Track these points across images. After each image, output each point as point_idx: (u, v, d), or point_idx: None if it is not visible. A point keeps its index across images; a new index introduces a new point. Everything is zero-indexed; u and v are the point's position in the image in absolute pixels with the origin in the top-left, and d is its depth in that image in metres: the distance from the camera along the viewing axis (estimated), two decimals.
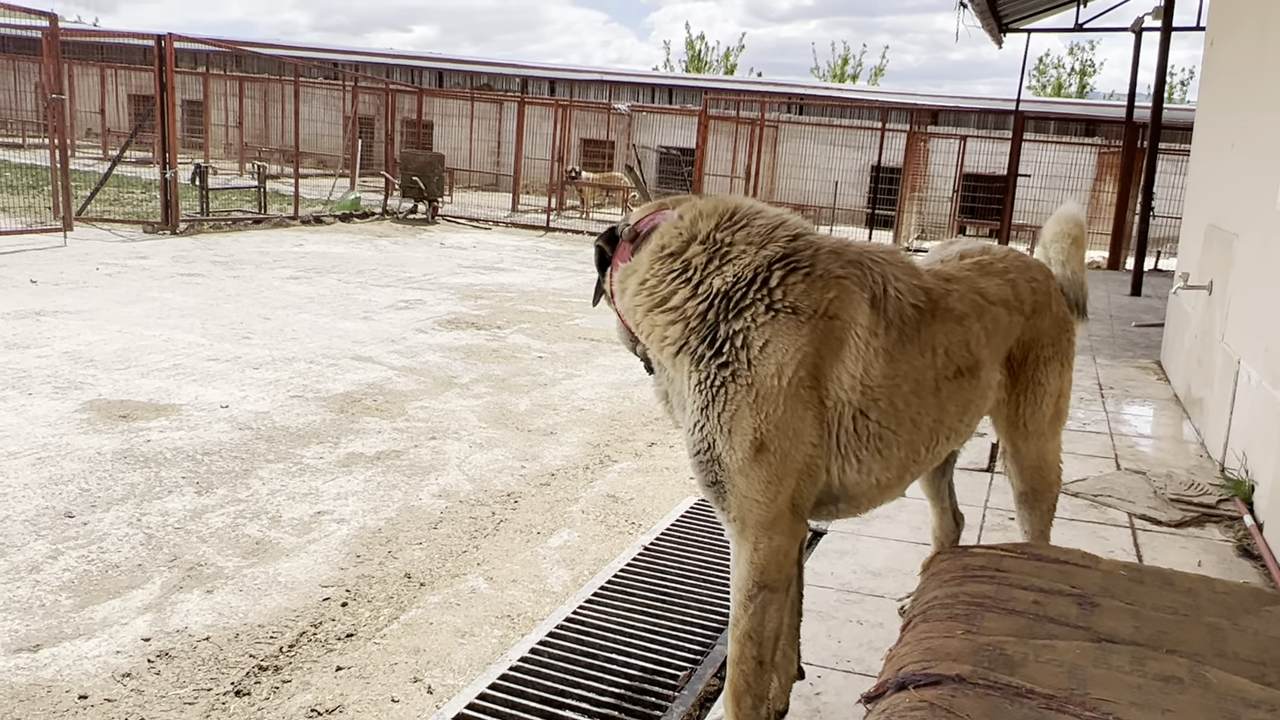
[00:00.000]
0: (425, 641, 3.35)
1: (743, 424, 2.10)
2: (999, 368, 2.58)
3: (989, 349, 2.48)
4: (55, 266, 10.13)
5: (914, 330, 2.28)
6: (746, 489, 2.12)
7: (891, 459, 2.31)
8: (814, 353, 2.13)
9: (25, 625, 3.26)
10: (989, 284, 2.55)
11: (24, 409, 5.43)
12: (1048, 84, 44.19)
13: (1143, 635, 1.76)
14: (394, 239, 15.38)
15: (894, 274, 2.31)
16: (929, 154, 23.49)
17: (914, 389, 2.29)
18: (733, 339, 2.11)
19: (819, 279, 2.17)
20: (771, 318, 2.11)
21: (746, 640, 2.23)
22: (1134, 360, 8.15)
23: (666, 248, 2.20)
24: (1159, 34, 13.66)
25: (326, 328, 8.15)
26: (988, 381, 2.50)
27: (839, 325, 2.17)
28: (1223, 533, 4.25)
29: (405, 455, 5.20)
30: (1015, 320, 2.60)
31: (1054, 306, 2.74)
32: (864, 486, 2.32)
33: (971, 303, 2.45)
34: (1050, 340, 2.70)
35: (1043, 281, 2.73)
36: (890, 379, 2.24)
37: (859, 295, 2.21)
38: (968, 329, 2.40)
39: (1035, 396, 2.70)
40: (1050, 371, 2.71)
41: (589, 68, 32.83)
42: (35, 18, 12.35)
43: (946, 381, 2.35)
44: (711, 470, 2.15)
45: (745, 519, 2.15)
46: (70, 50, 22.46)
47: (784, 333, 2.11)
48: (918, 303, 2.30)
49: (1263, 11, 5.64)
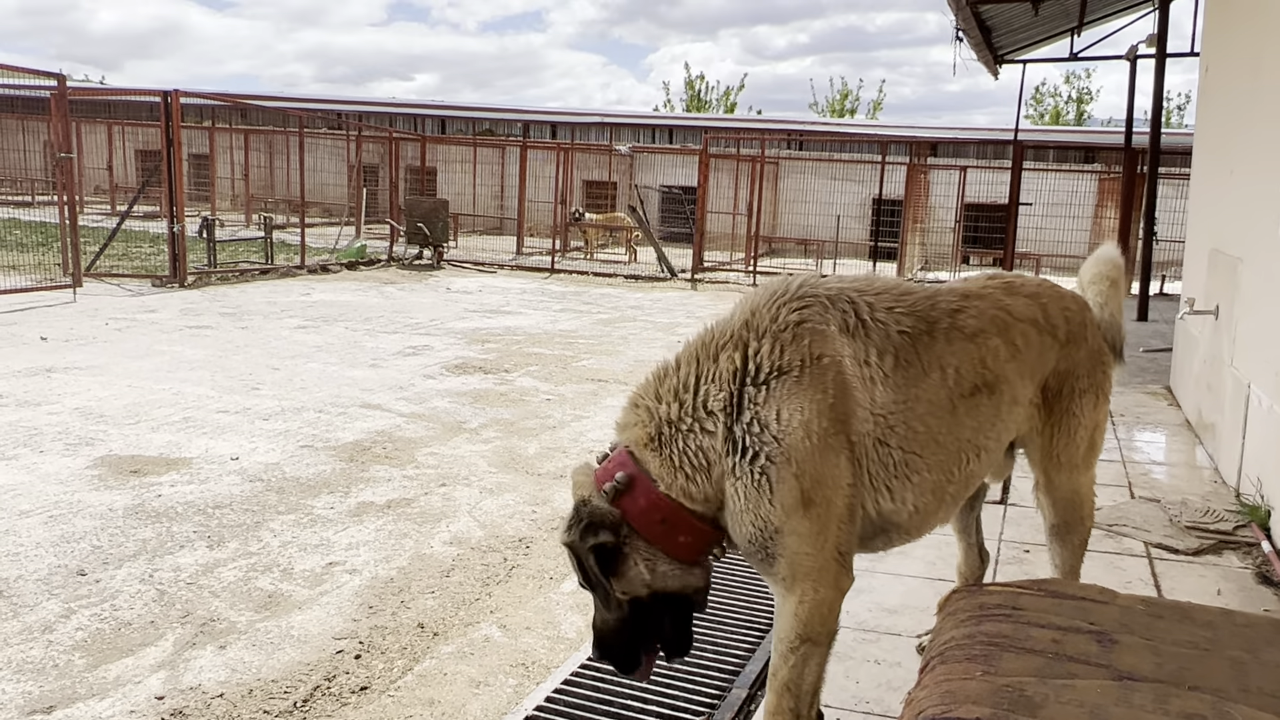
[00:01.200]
0: (440, 693, 3.32)
1: (789, 491, 2.12)
2: (1031, 386, 2.57)
3: (1014, 365, 2.47)
4: (65, 323, 10.20)
5: (911, 353, 2.30)
6: (797, 546, 2.13)
7: (923, 483, 2.31)
8: (823, 397, 2.14)
9: (39, 687, 3.25)
10: (1015, 302, 2.56)
11: (35, 467, 5.45)
12: (1045, 113, 44.46)
13: (1164, 672, 1.74)
14: (400, 285, 15.47)
15: (868, 302, 2.33)
16: (930, 185, 23.61)
17: (929, 410, 2.29)
18: (749, 431, 2.13)
19: (785, 333, 2.20)
20: (767, 390, 2.14)
21: (785, 692, 2.22)
22: (1143, 386, 8.12)
23: (668, 463, 2.23)
24: (1154, 60, 13.77)
25: (335, 376, 8.18)
26: (1013, 397, 2.49)
27: (829, 362, 2.19)
28: (1241, 560, 4.21)
29: (416, 503, 5.20)
30: (1048, 343, 2.59)
31: (1090, 339, 2.73)
32: (903, 515, 2.32)
33: (991, 319, 2.46)
34: (1086, 372, 2.69)
35: (1077, 311, 2.73)
36: (901, 403, 2.25)
37: (827, 329, 2.24)
38: (982, 345, 2.41)
39: (1069, 429, 2.69)
40: (1085, 404, 2.70)
41: (589, 110, 33.16)
42: (43, 78, 12.56)
43: (963, 399, 2.35)
44: (762, 549, 2.17)
45: (794, 574, 2.15)
46: (78, 109, 22.77)
47: (790, 394, 2.13)
48: (904, 328, 2.32)
49: (1256, 37, 5.69)
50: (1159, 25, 13.32)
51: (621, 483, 2.19)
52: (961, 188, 21.69)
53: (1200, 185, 7.82)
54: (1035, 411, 2.64)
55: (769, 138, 25.60)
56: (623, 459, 2.23)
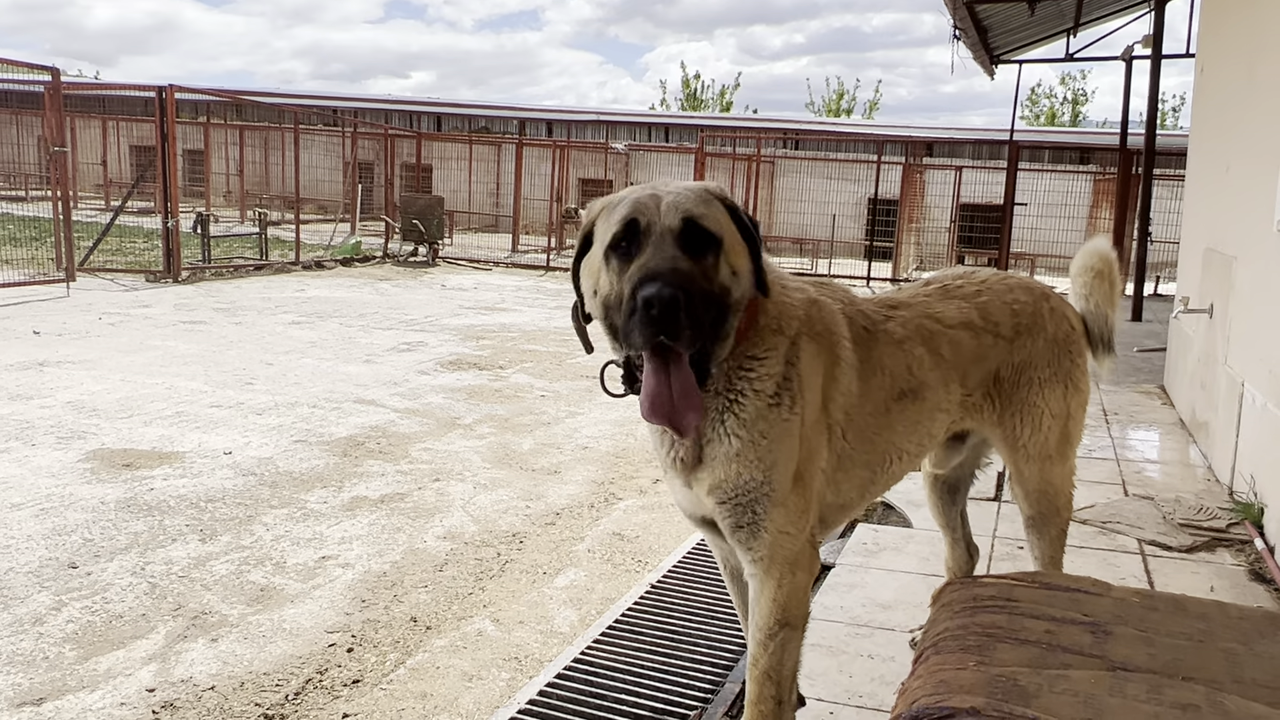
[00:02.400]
0: (432, 686, 3.31)
1: (789, 454, 2.09)
2: (962, 390, 2.58)
3: (938, 372, 2.49)
4: (58, 317, 10.16)
5: (867, 350, 2.32)
6: (784, 523, 2.11)
7: (855, 478, 2.34)
8: (825, 374, 2.15)
9: (29, 678, 3.23)
10: (947, 308, 2.57)
11: (27, 460, 5.43)
12: (1041, 114, 44.55)
13: (1158, 663, 1.74)
14: (395, 282, 15.44)
15: (842, 295, 2.37)
16: (925, 185, 23.63)
17: (873, 408, 2.32)
18: (795, 364, 2.11)
19: (815, 302, 2.21)
20: (808, 341, 2.13)
21: (765, 679, 2.21)
22: (1137, 385, 8.13)
23: None
24: (1149, 62, 13.79)
25: (329, 372, 8.16)
26: (935, 403, 2.51)
27: (834, 341, 2.20)
28: (1234, 557, 4.21)
29: (409, 498, 5.18)
30: (988, 342, 2.60)
31: (1049, 328, 2.71)
32: (834, 508, 2.35)
33: (916, 328, 2.48)
34: (1046, 362, 2.68)
35: (1029, 303, 2.71)
36: (861, 397, 2.28)
37: (838, 310, 2.25)
38: (909, 353, 2.43)
39: (1033, 419, 2.68)
40: (1050, 394, 2.69)
41: (585, 108, 33.15)
42: (38, 72, 12.51)
43: (893, 402, 2.39)
44: (749, 511, 2.11)
45: (773, 555, 2.14)
46: (72, 103, 22.69)
47: (814, 359, 2.13)
48: (865, 325, 2.35)
49: (1252, 37, 5.70)
50: (1154, 26, 13.34)
51: None
52: (957, 188, 21.72)
53: (1195, 184, 7.83)
54: (985, 404, 2.64)
55: (765, 137, 25.58)
56: None
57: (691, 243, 1.91)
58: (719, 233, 1.94)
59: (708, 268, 1.92)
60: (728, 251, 1.96)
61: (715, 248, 1.93)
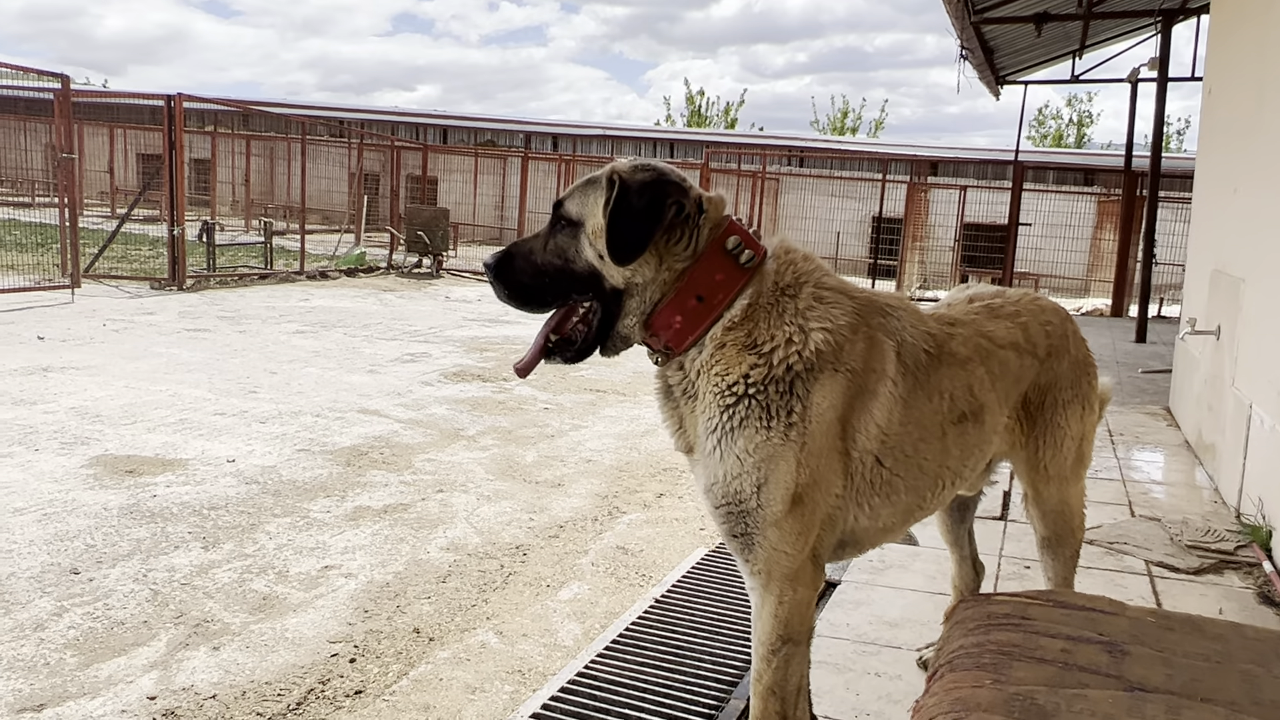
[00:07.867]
0: (435, 698, 3.29)
1: (784, 477, 2.07)
2: (1007, 412, 2.57)
3: (994, 393, 2.47)
4: (63, 323, 10.16)
5: (925, 376, 2.29)
6: (778, 541, 2.10)
7: (899, 504, 2.30)
8: (847, 405, 2.13)
9: (29, 684, 3.21)
10: (997, 327, 2.55)
11: (30, 465, 5.41)
12: (1047, 135, 44.69)
13: (1176, 684, 1.72)
14: (399, 293, 15.45)
15: (908, 321, 2.31)
16: (930, 204, 23.68)
17: (922, 435, 2.28)
18: (802, 397, 2.08)
19: (858, 332, 2.17)
20: (830, 376, 2.10)
21: (770, 695, 2.19)
22: (1142, 406, 8.11)
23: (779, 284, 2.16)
24: (1155, 84, 13.84)
25: (332, 381, 8.15)
26: (992, 426, 2.49)
27: (874, 378, 2.17)
28: (1242, 579, 4.18)
29: (413, 508, 5.16)
30: (1027, 363, 2.59)
31: (1072, 349, 2.73)
32: (871, 531, 2.32)
33: (976, 346, 2.45)
34: (1069, 384, 2.69)
35: (1058, 324, 2.73)
36: (905, 425, 2.24)
37: (889, 346, 2.22)
38: (971, 373, 2.40)
39: (1055, 440, 2.68)
40: (1070, 415, 2.69)
41: (590, 123, 33.27)
42: (48, 79, 12.57)
43: (951, 426, 2.34)
44: (741, 522, 2.11)
45: (771, 571, 2.13)
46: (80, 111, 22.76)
47: (836, 388, 2.10)
48: (928, 348, 2.31)
49: (1260, 59, 5.71)
50: (1160, 49, 13.39)
51: (741, 243, 2.14)
52: (961, 207, 21.75)
53: (1202, 206, 7.83)
54: (1016, 427, 2.63)
55: (770, 154, 25.66)
56: (760, 244, 2.19)
57: (556, 224, 2.19)
58: (578, 217, 2.15)
59: (562, 246, 2.16)
60: (590, 233, 2.12)
61: (572, 229, 2.16)
